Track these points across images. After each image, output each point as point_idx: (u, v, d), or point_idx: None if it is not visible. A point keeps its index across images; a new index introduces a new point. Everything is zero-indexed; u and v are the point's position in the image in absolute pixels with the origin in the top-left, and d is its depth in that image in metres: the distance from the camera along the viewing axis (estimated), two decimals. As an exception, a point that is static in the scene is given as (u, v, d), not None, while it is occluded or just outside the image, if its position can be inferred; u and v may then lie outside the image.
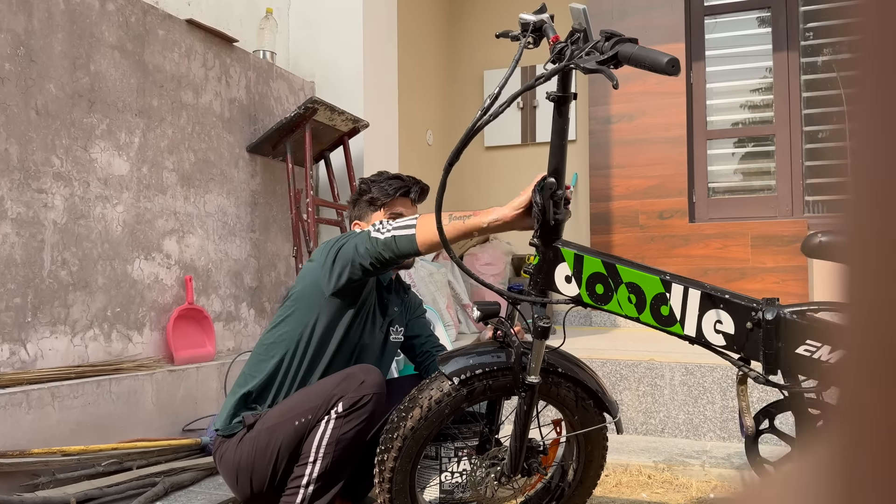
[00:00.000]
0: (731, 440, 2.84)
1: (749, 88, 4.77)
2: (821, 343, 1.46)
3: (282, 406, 1.84)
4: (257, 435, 1.83)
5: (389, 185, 2.07)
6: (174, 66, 2.83)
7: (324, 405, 1.78)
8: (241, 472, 1.85)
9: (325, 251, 1.89)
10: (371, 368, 1.82)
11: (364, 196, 2.09)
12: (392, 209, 2.05)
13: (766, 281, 4.39)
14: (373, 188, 2.07)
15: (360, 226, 2.07)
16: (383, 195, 2.05)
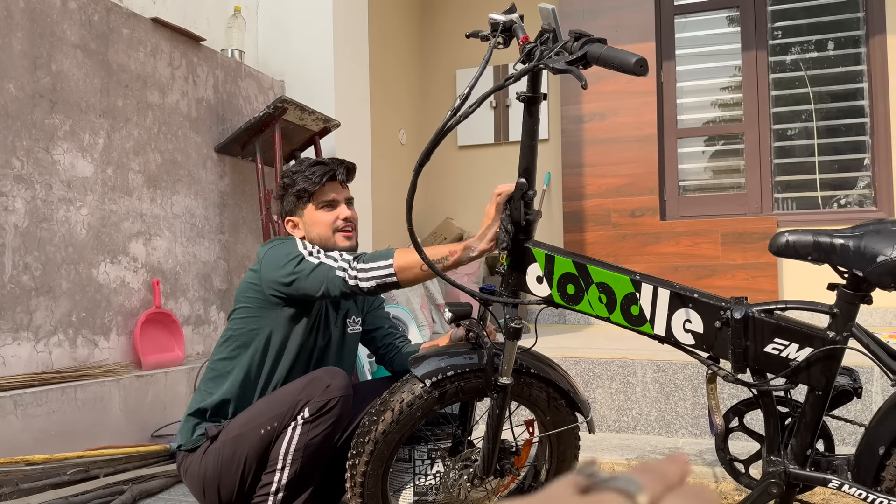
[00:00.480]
0: (702, 436, 2.86)
1: (719, 87, 4.82)
2: (789, 341, 1.47)
3: (246, 414, 1.81)
4: (222, 446, 1.80)
5: (314, 172, 1.96)
6: (139, 66, 2.78)
7: (290, 411, 1.75)
8: (207, 483, 1.82)
9: (276, 266, 1.82)
10: (337, 371, 1.80)
11: (290, 189, 1.98)
12: (323, 197, 1.96)
13: (737, 278, 4.44)
14: (297, 179, 1.96)
15: (294, 221, 1.99)
16: (310, 184, 1.95)
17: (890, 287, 1.39)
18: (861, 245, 1.39)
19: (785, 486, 1.52)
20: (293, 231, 1.99)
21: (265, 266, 1.85)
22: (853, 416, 2.62)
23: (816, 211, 4.54)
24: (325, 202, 1.96)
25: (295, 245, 1.84)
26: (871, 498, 1.43)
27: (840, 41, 4.57)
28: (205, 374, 1.93)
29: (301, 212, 1.98)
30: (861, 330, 1.48)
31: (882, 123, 4.38)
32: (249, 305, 1.89)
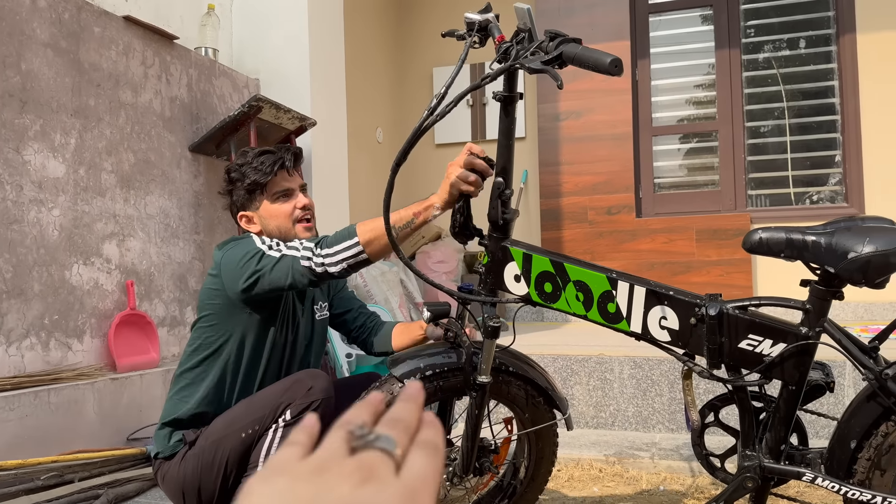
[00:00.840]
0: (678, 432, 2.89)
1: (693, 85, 4.87)
2: (762, 337, 1.49)
3: (226, 418, 1.79)
4: (201, 451, 1.77)
5: (263, 162, 1.86)
6: (111, 65, 2.74)
7: (271, 414, 1.73)
8: (187, 488, 1.79)
9: (235, 268, 1.75)
10: (318, 373, 1.78)
11: (240, 183, 1.89)
12: (276, 187, 1.88)
13: (712, 274, 4.49)
14: (247, 171, 1.87)
15: (248, 216, 1.90)
16: (262, 175, 1.86)
17: (860, 283, 1.42)
18: (832, 242, 1.41)
19: (760, 479, 1.54)
20: (248, 226, 1.91)
21: (225, 272, 1.78)
22: (826, 410, 2.66)
23: (789, 207, 4.61)
24: (279, 192, 1.88)
25: (252, 242, 1.77)
26: (844, 490, 1.46)
27: (811, 39, 4.64)
28: (175, 382, 1.87)
29: (255, 206, 1.89)
30: (833, 325, 1.51)
31: (852, 121, 4.46)
32: (214, 312, 1.83)
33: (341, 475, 0.34)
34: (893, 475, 1.46)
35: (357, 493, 0.32)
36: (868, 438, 1.47)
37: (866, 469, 1.47)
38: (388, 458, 0.35)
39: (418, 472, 0.35)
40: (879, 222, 1.47)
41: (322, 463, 0.35)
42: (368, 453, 0.36)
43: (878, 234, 1.40)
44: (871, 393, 1.46)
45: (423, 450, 0.37)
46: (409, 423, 0.39)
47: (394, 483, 0.34)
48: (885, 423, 1.45)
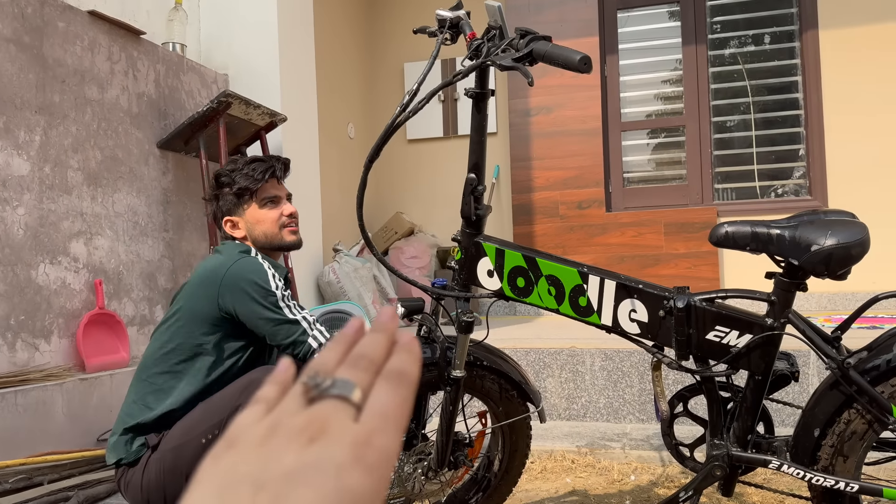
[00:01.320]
0: (649, 422, 2.94)
1: (660, 80, 4.93)
2: (729, 329, 1.52)
3: (184, 423, 1.74)
4: (162, 457, 1.73)
5: (254, 169, 1.90)
6: (77, 60, 2.70)
7: (229, 416, 1.70)
8: (152, 495, 1.75)
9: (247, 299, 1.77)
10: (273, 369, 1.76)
11: (228, 188, 1.92)
12: (264, 194, 1.91)
13: (680, 266, 4.56)
14: (236, 177, 1.90)
15: (233, 221, 1.92)
16: (251, 182, 1.89)
17: (823, 275, 1.45)
18: (796, 235, 1.45)
19: (728, 467, 1.58)
20: (232, 231, 1.93)
21: (234, 292, 1.78)
22: (791, 398, 2.73)
23: (755, 201, 4.70)
24: (268, 199, 1.92)
25: (265, 274, 1.80)
26: (809, 476, 1.50)
27: (775, 35, 4.72)
28: (140, 387, 1.81)
29: (241, 211, 1.92)
30: (797, 316, 1.55)
31: (815, 115, 4.55)
32: (197, 317, 1.81)
33: (288, 438, 0.31)
34: (855, 461, 1.51)
35: (302, 457, 0.30)
36: (831, 426, 1.51)
37: (830, 455, 1.51)
38: (344, 405, 0.33)
39: (377, 410, 0.33)
40: (841, 216, 1.51)
41: (273, 426, 0.32)
42: (323, 404, 0.33)
43: (840, 227, 1.44)
44: (834, 382, 1.51)
45: (387, 381, 0.34)
46: (375, 358, 0.36)
47: (346, 433, 0.31)
48: (847, 410, 1.50)
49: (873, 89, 4.43)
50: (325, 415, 0.32)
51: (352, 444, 0.31)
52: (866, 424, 1.48)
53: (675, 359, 1.56)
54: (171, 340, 1.81)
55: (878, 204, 4.37)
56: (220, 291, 1.78)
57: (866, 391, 1.45)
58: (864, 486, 1.47)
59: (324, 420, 0.32)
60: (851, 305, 4.23)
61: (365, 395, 0.34)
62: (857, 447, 1.50)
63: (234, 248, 1.90)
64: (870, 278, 4.31)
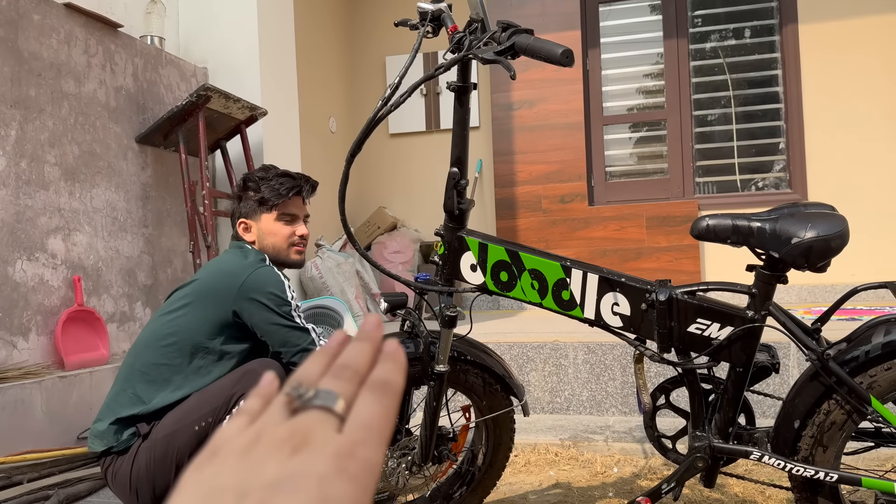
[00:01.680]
0: (631, 414, 2.96)
1: (642, 74, 4.95)
2: (710, 321, 1.53)
3: (178, 411, 1.76)
4: (153, 445, 1.74)
5: (281, 184, 1.96)
6: (53, 54, 2.66)
7: (223, 405, 1.71)
8: (140, 483, 1.76)
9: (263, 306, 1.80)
10: (270, 361, 1.78)
11: (252, 194, 1.97)
12: (284, 209, 1.97)
13: (661, 260, 4.59)
14: (263, 187, 1.96)
15: (247, 224, 1.97)
16: (275, 196, 1.95)
17: (803, 267, 1.47)
18: (776, 228, 1.46)
19: (710, 459, 1.59)
20: (244, 234, 1.97)
21: (252, 301, 1.81)
22: (772, 390, 2.76)
23: (735, 194, 4.73)
24: (286, 214, 1.97)
25: (283, 285, 1.85)
26: (789, 467, 1.51)
27: (756, 29, 4.75)
28: (133, 375, 1.81)
29: (258, 217, 1.97)
30: (778, 308, 1.56)
31: (795, 109, 4.59)
32: (206, 316, 1.82)
33: (271, 449, 0.31)
34: (834, 451, 1.52)
35: (284, 467, 0.30)
36: (811, 417, 1.53)
37: (810, 446, 1.53)
38: (327, 416, 0.32)
39: (361, 421, 0.32)
40: (821, 208, 1.52)
41: (256, 437, 0.32)
42: (306, 415, 0.33)
43: (820, 219, 1.45)
44: (814, 373, 1.52)
45: (371, 392, 0.34)
46: (359, 368, 0.36)
47: (329, 444, 0.31)
48: (827, 401, 1.51)
49: (852, 83, 4.48)
50: (308, 426, 0.32)
51: (334, 454, 0.30)
52: (846, 415, 1.50)
53: (658, 351, 1.57)
54: (173, 334, 1.81)
55: (857, 196, 4.42)
56: (237, 298, 1.82)
57: (845, 382, 1.47)
58: (843, 475, 1.49)
59: (307, 431, 0.32)
60: (831, 298, 4.28)
61: (349, 405, 0.34)
62: (836, 437, 1.52)
63: (253, 255, 1.94)
64: (849, 271, 4.36)
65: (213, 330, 1.82)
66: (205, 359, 1.81)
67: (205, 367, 1.81)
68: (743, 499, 2.12)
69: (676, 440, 1.69)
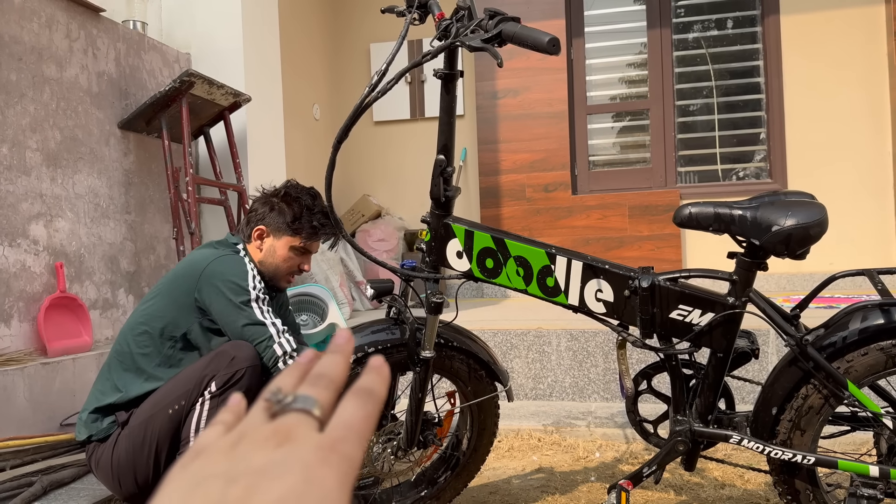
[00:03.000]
0: (613, 400, 3.00)
1: (625, 64, 4.97)
2: (692, 307, 1.56)
3: (153, 397, 1.77)
4: (131, 431, 1.76)
5: (322, 226, 1.93)
6: (34, 38, 2.62)
7: (196, 387, 1.73)
8: (121, 470, 1.78)
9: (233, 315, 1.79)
10: (242, 343, 1.78)
11: (289, 216, 1.92)
12: (307, 245, 1.95)
13: (644, 248, 4.63)
14: (304, 219, 1.92)
15: (263, 232, 1.94)
16: (309, 234, 1.93)
17: (783, 254, 1.49)
18: (757, 216, 1.49)
19: (690, 443, 1.62)
20: (257, 239, 1.95)
21: (210, 287, 1.81)
22: (751, 375, 2.80)
23: (717, 184, 4.78)
24: (304, 249, 1.96)
25: (245, 275, 1.82)
26: (767, 450, 1.55)
27: (738, 20, 4.79)
28: (113, 365, 1.84)
29: (279, 236, 1.93)
30: (758, 295, 1.59)
31: (776, 99, 4.64)
32: (174, 302, 1.83)
33: (256, 443, 0.33)
34: (812, 434, 1.56)
35: (272, 456, 0.31)
36: (789, 401, 1.57)
37: (788, 430, 1.56)
38: (307, 418, 0.34)
39: (343, 421, 0.34)
40: (801, 197, 1.55)
41: (239, 436, 0.34)
42: (286, 417, 0.34)
43: (800, 208, 1.48)
44: (793, 358, 1.55)
45: (355, 396, 0.36)
46: (334, 377, 0.38)
47: (312, 439, 0.33)
48: (805, 386, 1.55)
49: (832, 74, 4.53)
50: (290, 425, 0.34)
51: (317, 447, 0.32)
52: (823, 399, 1.53)
53: (640, 337, 1.59)
54: (145, 323, 1.83)
55: (835, 186, 4.48)
56: (199, 284, 1.82)
57: (823, 367, 1.50)
58: (819, 458, 1.53)
59: (289, 429, 0.33)
60: (809, 286, 4.34)
61: (325, 412, 0.36)
62: (813, 421, 1.55)
63: (226, 244, 1.94)
64: (827, 259, 4.43)
65: (181, 318, 1.83)
66: (173, 347, 1.84)
67: (174, 356, 1.84)
68: (722, 482, 2.16)
69: (658, 425, 1.72)
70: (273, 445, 0.32)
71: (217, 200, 3.29)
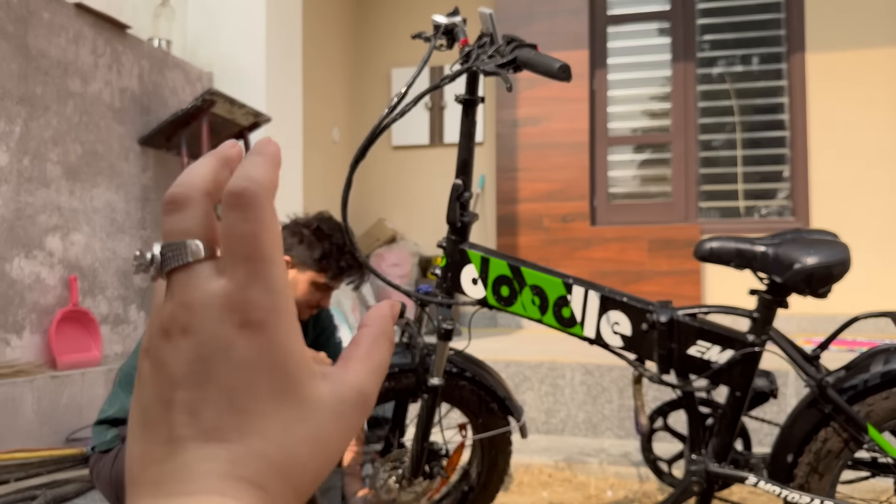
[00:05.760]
0: (627, 438, 2.93)
1: (648, 96, 4.96)
2: (711, 344, 1.52)
3: None
4: None
5: (348, 267, 1.87)
6: (60, 52, 2.66)
7: None
8: (119, 486, 1.75)
9: None
10: None
11: (315, 251, 1.86)
12: (330, 283, 1.88)
13: (662, 283, 4.57)
14: (332, 258, 1.85)
15: (288, 262, 1.87)
16: (334, 275, 1.86)
17: (805, 292, 1.45)
18: (780, 252, 1.45)
19: (705, 483, 1.57)
20: None
21: None
22: (770, 416, 2.73)
23: (738, 220, 4.72)
24: (327, 286, 1.90)
25: None
26: (785, 494, 1.49)
27: (763, 56, 4.77)
28: (123, 379, 1.82)
29: (302, 268, 1.88)
30: (778, 334, 1.54)
31: (800, 137, 4.60)
32: None
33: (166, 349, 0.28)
34: (830, 479, 1.50)
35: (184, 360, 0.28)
36: (808, 444, 1.51)
37: (806, 473, 1.51)
38: (195, 269, 0.29)
39: (235, 256, 0.28)
40: (823, 235, 1.51)
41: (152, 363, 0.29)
42: (176, 279, 0.29)
43: (822, 246, 1.44)
44: (813, 400, 1.50)
45: (230, 211, 0.29)
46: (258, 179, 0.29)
47: (213, 306, 0.28)
48: (824, 429, 1.50)
49: (857, 113, 4.48)
50: (184, 295, 0.28)
51: (223, 310, 0.28)
52: (842, 443, 1.48)
53: (657, 373, 1.55)
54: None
55: (859, 227, 4.41)
56: None
57: (843, 410, 1.45)
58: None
59: (186, 303, 0.28)
60: (831, 328, 4.25)
61: (212, 241, 0.29)
62: (832, 466, 1.50)
63: None
64: (849, 301, 4.34)
65: None
66: None
67: None
68: (737, 527, 2.09)
69: (672, 464, 1.67)
70: (178, 334, 0.28)
71: (234, 219, 3.29)
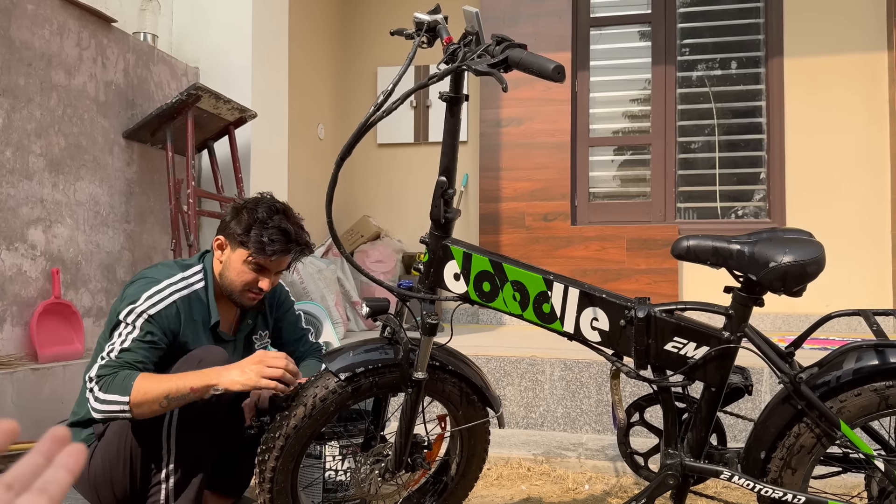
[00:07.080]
0: (605, 433, 2.97)
1: (629, 99, 5.02)
2: (687, 340, 1.56)
3: None
4: (107, 443, 1.76)
5: (272, 242, 1.79)
6: (44, 44, 2.65)
7: None
8: (99, 484, 1.76)
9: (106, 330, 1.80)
10: (213, 348, 1.75)
11: (238, 227, 1.82)
12: (258, 260, 1.82)
13: (640, 281, 4.63)
14: (253, 231, 1.80)
15: (222, 243, 1.87)
16: (258, 249, 1.79)
17: (780, 290, 1.50)
18: (755, 251, 1.49)
19: (681, 477, 1.61)
20: (216, 249, 1.89)
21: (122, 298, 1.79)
22: (744, 412, 2.79)
23: (715, 221, 4.80)
24: (257, 264, 1.83)
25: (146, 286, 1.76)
26: (758, 488, 1.54)
27: (742, 61, 4.84)
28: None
29: (233, 246, 1.85)
30: (753, 330, 1.59)
31: (777, 140, 4.68)
32: (111, 321, 1.82)
33: None
34: (803, 474, 1.55)
35: None
36: (782, 439, 1.56)
37: (779, 468, 1.55)
38: None
39: None
40: (798, 234, 1.56)
41: None
42: None
43: (797, 245, 1.49)
44: (786, 396, 1.55)
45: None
46: (53, 495, 0.36)
47: None
48: (797, 424, 1.54)
49: (833, 118, 4.57)
50: None
51: None
52: (815, 439, 1.52)
53: (634, 368, 1.59)
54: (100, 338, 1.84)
55: (833, 229, 4.50)
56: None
57: (816, 406, 1.50)
58: (810, 498, 1.51)
59: None
60: (804, 326, 4.34)
61: None
62: (805, 461, 1.54)
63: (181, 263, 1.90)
64: (823, 301, 4.43)
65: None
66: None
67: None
68: (711, 520, 2.14)
69: (649, 458, 1.71)
70: None
71: (217, 214, 3.29)
